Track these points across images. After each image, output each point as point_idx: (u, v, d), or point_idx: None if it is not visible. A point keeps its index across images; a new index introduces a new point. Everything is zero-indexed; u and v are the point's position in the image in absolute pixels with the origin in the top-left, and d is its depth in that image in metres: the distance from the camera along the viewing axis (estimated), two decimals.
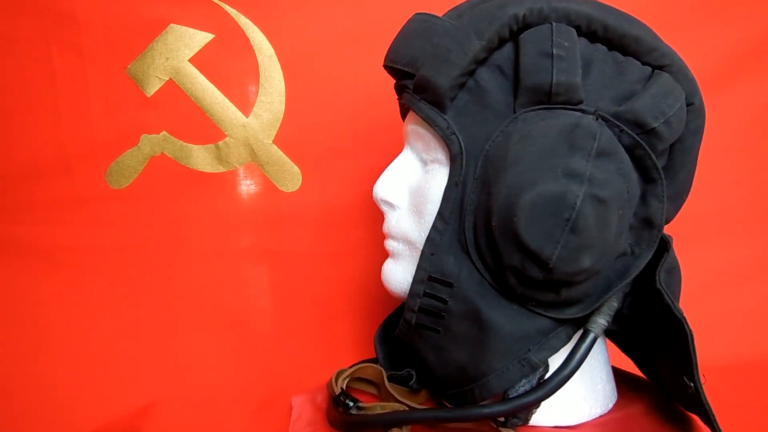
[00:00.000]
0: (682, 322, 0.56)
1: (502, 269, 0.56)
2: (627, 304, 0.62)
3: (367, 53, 0.89)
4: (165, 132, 0.96)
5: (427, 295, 0.61)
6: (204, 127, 0.96)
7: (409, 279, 0.63)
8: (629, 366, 0.73)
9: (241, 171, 0.98)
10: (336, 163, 0.99)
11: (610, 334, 0.71)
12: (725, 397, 0.66)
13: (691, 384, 0.57)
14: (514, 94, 0.57)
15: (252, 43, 0.95)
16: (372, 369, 0.78)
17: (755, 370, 0.89)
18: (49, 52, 0.93)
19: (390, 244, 0.68)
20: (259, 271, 1.01)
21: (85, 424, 0.81)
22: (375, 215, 0.76)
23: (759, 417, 0.73)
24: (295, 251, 1.01)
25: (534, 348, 0.58)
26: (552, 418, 0.63)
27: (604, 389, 0.67)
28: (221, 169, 0.98)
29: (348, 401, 0.69)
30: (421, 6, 0.65)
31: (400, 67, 0.62)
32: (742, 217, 1.02)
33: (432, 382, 0.71)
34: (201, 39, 0.94)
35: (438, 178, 0.62)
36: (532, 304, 0.58)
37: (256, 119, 0.97)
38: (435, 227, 0.60)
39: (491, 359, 0.59)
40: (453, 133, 0.59)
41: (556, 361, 0.59)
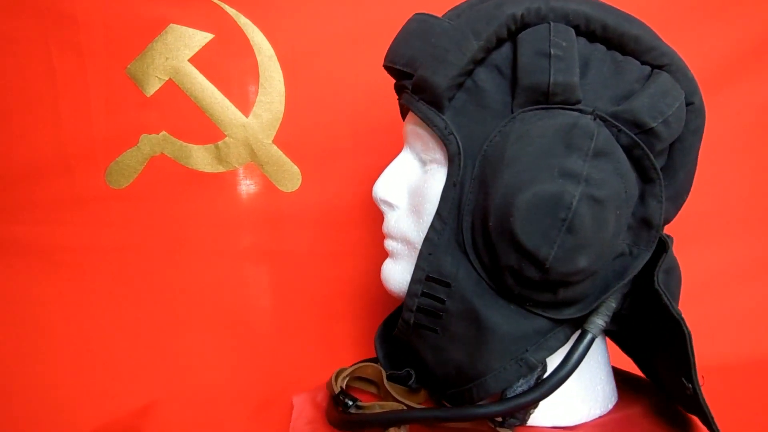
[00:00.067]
0: (680, 323, 0.56)
1: (499, 269, 0.56)
2: (626, 304, 0.62)
3: (367, 53, 0.88)
4: (165, 132, 0.96)
5: (425, 295, 0.61)
6: (204, 127, 0.96)
7: (408, 279, 0.63)
8: (630, 366, 0.73)
9: (241, 171, 0.98)
10: (336, 163, 0.99)
11: (610, 334, 0.71)
12: (725, 397, 0.66)
13: (690, 385, 0.57)
14: (511, 94, 0.57)
15: (252, 43, 0.95)
16: (372, 368, 0.78)
17: (755, 370, 0.89)
18: (49, 52, 0.92)
19: (389, 244, 0.68)
20: (259, 271, 1.01)
21: (85, 424, 0.81)
22: (375, 215, 0.76)
23: (759, 417, 0.73)
24: (295, 251, 1.00)
25: (531, 348, 0.58)
26: (550, 418, 0.63)
27: (603, 390, 0.67)
28: (221, 169, 0.98)
29: (347, 400, 0.69)
30: (421, 6, 0.65)
31: (399, 68, 0.62)
32: (742, 217, 1.02)
33: (431, 381, 0.71)
34: (201, 39, 0.94)
35: (436, 178, 0.62)
36: (529, 304, 0.58)
37: (255, 119, 0.97)
38: (433, 227, 0.60)
39: (489, 359, 0.59)
40: (451, 133, 0.59)
41: (554, 362, 0.59)
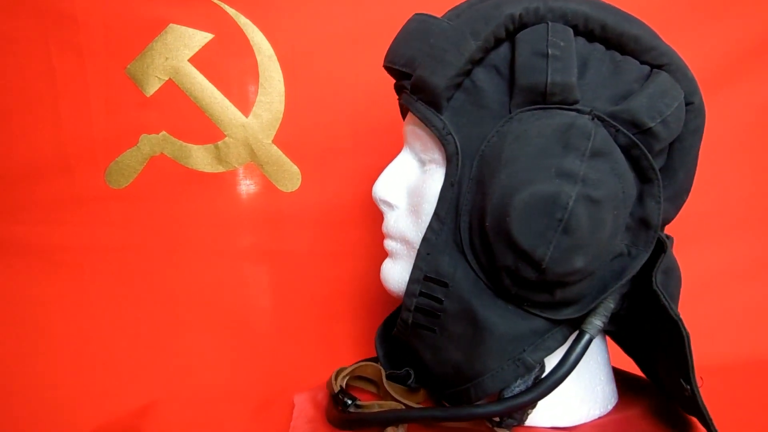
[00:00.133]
0: (678, 324, 0.56)
1: (496, 269, 0.56)
2: (625, 305, 0.61)
3: (367, 53, 0.88)
4: (164, 132, 0.96)
5: (423, 295, 0.61)
6: (203, 127, 0.96)
7: (407, 278, 0.63)
8: (631, 366, 0.73)
9: (241, 171, 0.98)
10: (336, 163, 0.99)
11: (611, 334, 0.70)
12: (724, 398, 0.66)
13: (688, 386, 0.57)
14: (509, 94, 0.57)
15: (251, 43, 0.95)
16: (372, 368, 0.78)
17: (754, 370, 0.88)
18: (49, 52, 0.92)
19: (389, 243, 0.69)
20: (259, 271, 1.01)
21: (85, 424, 0.81)
22: (375, 215, 0.76)
23: (758, 417, 0.73)
24: (295, 251, 1.00)
25: (529, 348, 0.58)
26: (549, 418, 0.63)
27: (603, 391, 0.67)
28: (221, 169, 0.98)
29: (346, 399, 0.69)
30: (421, 6, 0.65)
31: (398, 68, 0.62)
32: (742, 217, 1.02)
33: (430, 381, 0.71)
34: (200, 39, 0.94)
35: (435, 178, 0.62)
36: (527, 304, 0.58)
37: (255, 119, 0.97)
38: (431, 227, 0.60)
39: (486, 359, 0.59)
40: (449, 134, 0.59)
41: (553, 362, 0.58)
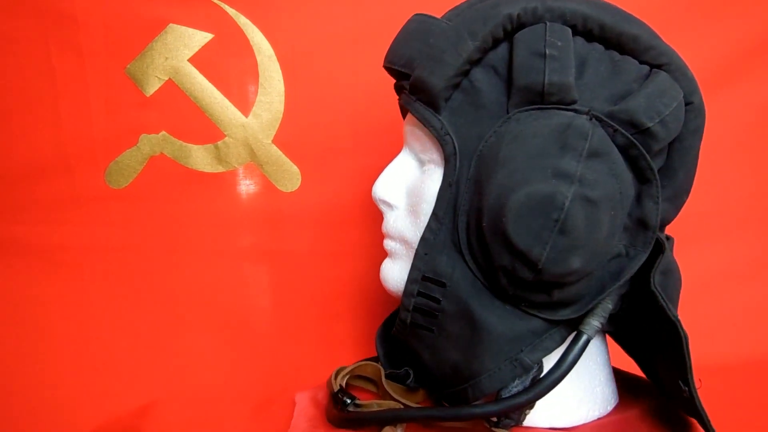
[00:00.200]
0: (676, 325, 0.56)
1: (493, 270, 0.56)
2: (623, 306, 0.61)
3: (367, 53, 0.89)
4: (164, 132, 0.96)
5: (421, 295, 0.61)
6: (203, 127, 0.96)
7: (406, 278, 0.63)
8: (632, 366, 0.73)
9: (241, 171, 0.98)
10: (336, 163, 0.99)
11: (612, 334, 0.70)
12: (724, 398, 0.66)
13: (686, 388, 0.57)
14: (507, 94, 0.57)
15: (251, 43, 0.95)
16: (372, 367, 0.78)
17: (754, 370, 0.88)
18: (49, 52, 0.92)
19: (388, 243, 0.69)
20: (259, 271, 1.01)
21: (85, 424, 0.81)
22: (375, 215, 0.76)
23: (758, 417, 0.73)
24: (295, 251, 1.00)
25: (526, 349, 0.58)
26: (547, 419, 0.63)
27: (603, 391, 0.66)
28: (220, 169, 0.98)
29: (345, 398, 0.69)
30: (421, 6, 0.65)
31: (397, 68, 0.62)
32: (742, 217, 1.02)
33: (428, 381, 0.71)
34: (200, 39, 0.94)
35: (433, 178, 0.62)
36: (524, 304, 0.58)
37: (255, 119, 0.97)
38: (429, 227, 0.60)
39: (484, 359, 0.59)
40: (447, 134, 0.59)
41: (551, 363, 0.58)
